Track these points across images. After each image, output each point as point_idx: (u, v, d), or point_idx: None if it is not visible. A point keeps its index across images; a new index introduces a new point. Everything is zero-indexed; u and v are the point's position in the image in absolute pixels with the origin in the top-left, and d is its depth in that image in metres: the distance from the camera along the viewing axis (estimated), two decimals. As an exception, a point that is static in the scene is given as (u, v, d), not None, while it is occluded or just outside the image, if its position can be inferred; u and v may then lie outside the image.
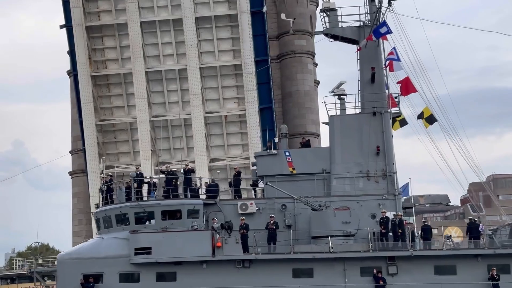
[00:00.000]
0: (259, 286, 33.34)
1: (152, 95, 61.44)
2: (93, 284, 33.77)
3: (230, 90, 61.68)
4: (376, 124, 37.51)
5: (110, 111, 63.75)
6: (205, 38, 59.60)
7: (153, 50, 61.70)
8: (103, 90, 63.56)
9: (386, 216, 34.26)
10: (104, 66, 63.30)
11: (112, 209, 36.19)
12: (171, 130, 61.27)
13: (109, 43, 62.43)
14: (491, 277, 31.48)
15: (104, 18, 61.82)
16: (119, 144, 64.38)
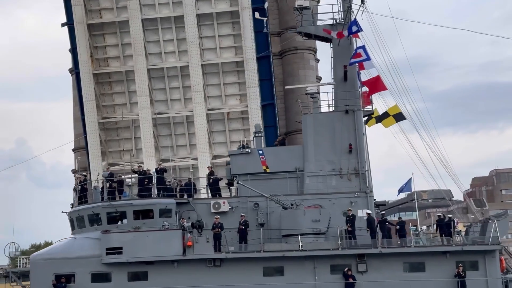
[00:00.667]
0: (230, 285, 33.80)
1: (154, 92, 61.43)
2: (65, 284, 34.13)
3: (232, 87, 61.62)
4: (348, 122, 37.73)
5: (112, 108, 63.69)
6: (206, 35, 59.46)
7: (154, 47, 61.67)
8: (105, 88, 63.49)
9: (353, 214, 34.52)
10: (106, 64, 63.23)
11: (84, 209, 36.50)
12: (173, 127, 61.32)
13: (111, 41, 62.24)
14: (457, 274, 31.87)
15: (105, 16, 61.87)
16: (121, 142, 63.61)
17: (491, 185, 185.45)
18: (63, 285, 34.21)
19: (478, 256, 33.02)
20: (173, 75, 60.40)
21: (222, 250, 34.11)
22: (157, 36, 60.77)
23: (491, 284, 32.66)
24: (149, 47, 60.22)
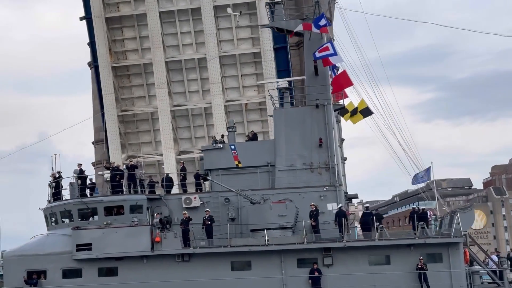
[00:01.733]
0: (199, 279, 34.24)
1: (172, 84, 62.71)
2: (36, 281, 34.75)
3: (249, 78, 62.75)
4: (318, 116, 38.08)
5: (131, 101, 65.02)
6: (223, 27, 60.69)
7: (172, 40, 62.81)
8: (123, 81, 65.09)
9: (316, 209, 34.88)
10: (124, 57, 64.68)
11: (57, 205, 37.31)
12: (192, 119, 62.65)
13: (129, 34, 63.61)
14: (418, 267, 32.46)
15: (123, 9, 62.99)
16: (140, 134, 65.85)
17: (511, 173, 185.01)
18: (34, 281, 34.79)
19: (442, 249, 33.49)
20: (191, 67, 61.95)
21: (191, 245, 34.68)
22: (175, 29, 62.33)
23: (455, 276, 33.08)
24: (167, 40, 61.67)
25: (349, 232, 35.66)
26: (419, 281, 32.92)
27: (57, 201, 38.22)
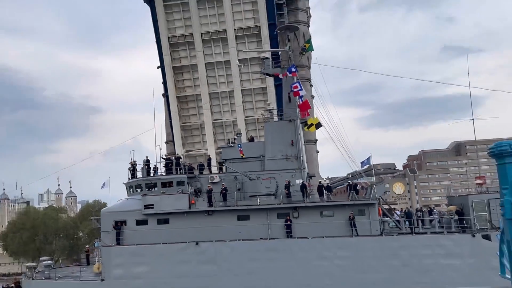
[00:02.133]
0: (217, 226, 36.97)
1: (213, 107, 70.78)
2: (120, 227, 37.84)
3: (260, 103, 69.68)
4: (291, 127, 40.81)
5: (188, 117, 73.26)
6: (243, 72, 67.87)
7: (212, 79, 70.83)
8: (183, 104, 72.93)
9: (289, 183, 37.80)
10: (184, 90, 72.66)
11: (133, 181, 40.59)
12: (224, 128, 70.85)
13: (187, 76, 72.00)
14: (349, 218, 35.84)
15: (183, 61, 70.84)
16: (194, 137, 74.52)
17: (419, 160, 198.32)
18: (118, 227, 37.68)
19: (364, 207, 36.44)
20: (224, 96, 70.62)
21: (212, 205, 37.57)
22: (214, 73, 70.43)
23: (372, 224, 35.95)
24: (209, 79, 69.59)
25: (309, 196, 37.96)
26: (350, 226, 35.76)
27: (133, 178, 41.22)
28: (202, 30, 70.43)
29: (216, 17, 70.19)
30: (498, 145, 5.02)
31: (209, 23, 70.50)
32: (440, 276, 33.80)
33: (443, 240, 34.96)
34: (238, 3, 69.24)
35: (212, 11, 70.00)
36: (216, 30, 70.38)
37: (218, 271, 36.13)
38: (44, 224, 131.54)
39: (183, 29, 71.15)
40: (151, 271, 36.61)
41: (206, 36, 70.61)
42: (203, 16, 70.30)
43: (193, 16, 69.46)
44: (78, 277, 38.52)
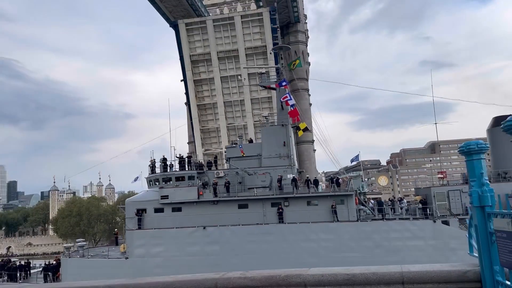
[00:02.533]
0: (222, 213, 37.17)
1: (227, 113, 71.51)
2: (141, 214, 38.23)
3: (266, 110, 69.18)
4: (283, 130, 40.64)
5: (207, 122, 73.84)
6: (252, 83, 67.79)
7: (226, 90, 71.40)
8: (202, 111, 73.27)
9: (281, 177, 37.54)
10: (203, 99, 73.21)
11: (152, 176, 40.80)
12: (237, 131, 70.77)
13: (205, 88, 72.27)
14: (332, 206, 35.84)
15: (202, 75, 71.40)
16: (211, 138, 74.98)
17: (400, 157, 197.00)
18: (140, 214, 38.09)
19: (343, 197, 36.30)
20: (236, 104, 71.04)
21: (217, 196, 37.76)
22: (228, 85, 70.68)
23: (350, 211, 35.88)
24: (224, 90, 70.55)
25: (298, 188, 37.85)
26: (332, 213, 35.89)
27: (152, 174, 41.38)
28: (218, 49, 71.92)
29: (229, 38, 71.66)
30: (467, 144, 5.18)
31: (223, 43, 71.97)
32: (407, 255, 33.71)
33: (409, 225, 34.98)
34: (248, 26, 70.59)
35: (226, 33, 71.69)
36: (229, 49, 71.68)
37: (221, 251, 36.37)
38: (87, 211, 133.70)
39: (202, 48, 72.57)
40: (166, 250, 37.04)
41: (221, 54, 72.08)
42: (218, 37, 71.90)
43: (210, 37, 71.08)
44: (106, 255, 38.27)
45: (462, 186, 36.58)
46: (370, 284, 5.39)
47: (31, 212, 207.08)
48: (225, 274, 6.10)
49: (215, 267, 35.60)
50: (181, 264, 35.30)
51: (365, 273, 5.44)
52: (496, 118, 39.87)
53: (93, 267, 37.41)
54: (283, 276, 5.74)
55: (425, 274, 5.30)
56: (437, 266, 5.43)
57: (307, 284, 5.62)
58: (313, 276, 5.64)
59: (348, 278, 5.48)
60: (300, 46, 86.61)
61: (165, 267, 35.19)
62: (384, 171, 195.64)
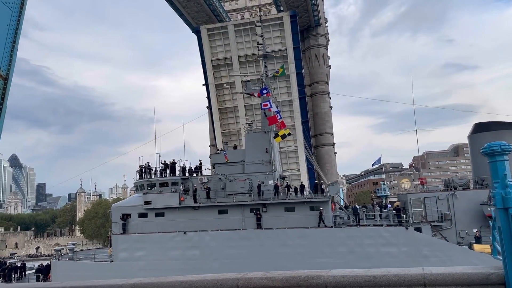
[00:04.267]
0: (202, 218, 38.58)
1: (247, 116, 73.44)
2: (126, 218, 39.93)
3: (286, 113, 72.51)
4: (266, 137, 41.81)
5: (227, 125, 76.66)
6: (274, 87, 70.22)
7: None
8: (223, 115, 75.97)
9: (260, 184, 38.84)
10: (224, 103, 75.74)
11: (138, 182, 42.41)
12: None
13: (226, 91, 74.57)
14: (320, 213, 36.68)
15: (223, 79, 73.89)
16: (233, 142, 74.53)
17: (423, 160, 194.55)
18: (125, 219, 39.77)
19: (320, 204, 37.25)
20: (257, 108, 70.64)
21: (198, 202, 39.27)
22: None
23: (326, 217, 36.35)
24: (245, 94, 71.86)
25: (281, 194, 38.82)
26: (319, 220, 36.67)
27: (141, 179, 42.40)
28: (239, 53, 74.20)
29: (250, 43, 73.66)
30: (489, 146, 5.29)
31: (244, 48, 74.31)
32: (380, 261, 34.47)
33: (382, 231, 35.80)
34: (268, 31, 72.23)
35: (247, 38, 73.88)
36: (250, 54, 73.61)
37: (201, 255, 37.78)
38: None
39: (223, 53, 75.02)
40: (149, 254, 38.69)
41: (242, 58, 74.37)
42: (239, 42, 74.22)
43: (232, 42, 73.38)
44: (93, 258, 40.11)
45: (438, 193, 37.24)
46: (391, 286, 5.44)
47: (58, 213, 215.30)
48: (246, 275, 6.25)
49: (194, 272, 37.20)
50: (163, 268, 37.09)
51: (386, 275, 5.51)
52: (477, 124, 40.35)
53: (79, 269, 39.44)
54: (304, 277, 5.85)
55: (447, 276, 5.29)
56: (459, 269, 5.43)
57: (328, 285, 5.70)
58: (334, 277, 5.73)
59: (369, 280, 5.54)
60: (321, 50, 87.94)
61: (148, 270, 36.86)
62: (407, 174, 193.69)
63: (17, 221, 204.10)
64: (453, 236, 36.70)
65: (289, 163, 76.22)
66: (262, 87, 42.16)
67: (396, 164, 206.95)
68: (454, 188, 37.77)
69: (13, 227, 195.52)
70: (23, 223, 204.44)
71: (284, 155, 74.78)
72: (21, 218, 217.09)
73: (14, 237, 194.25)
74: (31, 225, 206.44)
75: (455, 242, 36.50)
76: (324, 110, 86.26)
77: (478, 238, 34.82)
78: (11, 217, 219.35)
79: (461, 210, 36.64)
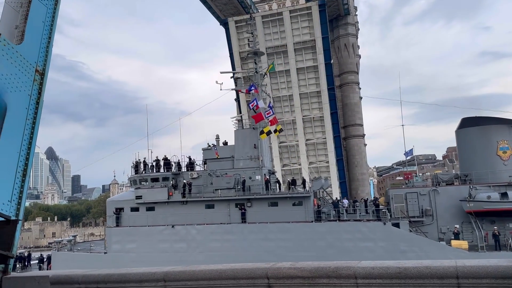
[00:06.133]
0: (190, 212, 40.37)
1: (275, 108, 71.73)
2: (119, 212, 42.30)
3: (315, 104, 73.58)
4: (254, 133, 43.10)
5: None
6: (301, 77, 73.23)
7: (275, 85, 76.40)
8: None
9: (244, 180, 40.41)
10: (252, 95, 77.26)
11: (131, 177, 44.47)
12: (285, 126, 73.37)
13: None
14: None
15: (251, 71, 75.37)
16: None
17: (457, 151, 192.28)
18: (118, 212, 42.12)
19: (302, 198, 38.59)
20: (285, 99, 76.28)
21: (186, 197, 41.03)
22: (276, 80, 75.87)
23: (307, 212, 38.15)
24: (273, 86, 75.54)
25: (270, 189, 40.05)
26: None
27: (136, 174, 44.40)
28: (267, 45, 74.87)
29: (278, 34, 74.72)
30: None
31: (272, 39, 75.26)
32: (358, 256, 35.53)
33: (361, 226, 36.72)
34: (296, 21, 73.02)
35: (275, 29, 74.80)
36: (278, 45, 74.66)
37: (187, 248, 40.00)
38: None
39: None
40: (140, 247, 41.26)
41: (270, 50, 75.19)
42: (267, 33, 75.13)
43: (259, 33, 73.65)
44: (89, 250, 42.70)
45: (420, 189, 37.98)
46: (423, 278, 5.43)
47: (93, 204, 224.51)
48: (275, 264, 6.29)
49: (182, 263, 39.46)
50: (152, 260, 39.08)
51: (418, 267, 5.50)
52: (464, 119, 40.68)
53: (76, 260, 42.27)
54: (333, 268, 5.86)
55: (481, 269, 5.25)
56: (493, 261, 5.39)
57: (358, 277, 5.70)
58: (364, 269, 5.72)
59: (399, 272, 5.53)
60: (350, 39, 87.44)
61: (138, 262, 38.81)
62: (440, 165, 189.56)
63: (54, 212, 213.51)
64: (434, 232, 37.34)
65: (318, 155, 76.44)
66: (250, 85, 43.42)
67: (429, 156, 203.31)
68: (438, 183, 38.36)
69: (51, 217, 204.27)
70: (60, 213, 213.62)
71: (312, 147, 75.72)
72: (57, 208, 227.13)
73: (52, 227, 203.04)
74: (67, 215, 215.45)
75: (436, 238, 37.15)
76: (353, 101, 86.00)
77: (457, 234, 35.44)
78: (48, 207, 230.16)
79: (442, 206, 37.24)
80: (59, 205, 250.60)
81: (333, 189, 71.86)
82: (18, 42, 6.68)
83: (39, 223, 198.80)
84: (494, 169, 37.49)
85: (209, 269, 6.64)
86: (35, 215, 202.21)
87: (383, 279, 5.61)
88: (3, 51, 6.21)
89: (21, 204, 6.42)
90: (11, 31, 6.90)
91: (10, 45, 6.37)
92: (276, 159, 74.90)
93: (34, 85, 6.75)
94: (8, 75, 6.28)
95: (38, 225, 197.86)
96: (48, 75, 7.06)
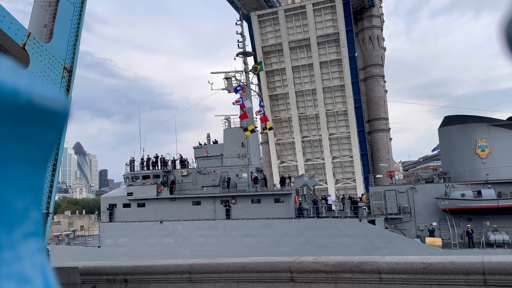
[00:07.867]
0: (178, 209, 42.18)
1: (298, 103, 75.77)
2: (112, 208, 44.60)
3: (338, 98, 73.97)
4: (242, 132, 44.13)
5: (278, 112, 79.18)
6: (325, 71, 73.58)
7: (298, 80, 75.22)
8: (274, 101, 78.52)
9: (229, 177, 42.08)
10: (274, 90, 78.43)
11: (124, 174, 46.40)
12: (308, 120, 76.78)
13: (277, 78, 77.67)
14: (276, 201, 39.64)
15: (274, 66, 76.95)
16: (283, 128, 79.13)
17: None
18: (111, 208, 44.38)
19: (284, 196, 40.13)
20: (308, 94, 75.20)
21: (174, 193, 43.05)
22: (299, 74, 74.83)
23: (289, 209, 39.64)
24: (295, 80, 75.03)
25: (260, 186, 41.47)
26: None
27: (130, 171, 46.34)
28: (290, 39, 75.76)
29: (301, 28, 75.09)
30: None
31: (295, 33, 75.70)
32: (335, 252, 36.86)
33: (337, 223, 37.86)
34: (320, 14, 73.41)
35: (297, 23, 75.11)
36: (301, 38, 75.15)
37: (175, 243, 42.12)
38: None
39: (273, 39, 76.88)
40: (130, 241, 43.69)
41: (293, 44, 75.87)
42: (290, 27, 75.68)
43: (282, 27, 74.89)
44: (85, 244, 45.37)
45: (399, 186, 39.08)
46: (447, 273, 5.37)
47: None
48: (297, 259, 6.31)
49: (169, 258, 41.59)
50: (141, 254, 40.95)
51: (443, 262, 5.46)
52: (447, 117, 41.48)
53: (71, 254, 44.90)
54: (357, 263, 5.83)
55: (508, 265, 5.21)
56: None
57: (381, 272, 5.66)
58: (388, 264, 5.68)
59: (424, 267, 5.49)
60: (375, 31, 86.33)
61: (129, 256, 41.17)
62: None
63: (82, 205, 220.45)
64: (412, 229, 38.38)
65: (341, 149, 76.52)
66: (237, 85, 45.09)
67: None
68: (417, 181, 39.38)
69: (79, 210, 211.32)
70: (88, 207, 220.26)
71: (336, 142, 76.04)
72: (85, 202, 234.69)
73: (80, 220, 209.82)
74: (95, 209, 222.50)
75: (414, 235, 38.20)
76: (378, 95, 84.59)
77: (432, 231, 36.47)
78: (76, 201, 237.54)
79: (420, 203, 38.20)
80: (87, 199, 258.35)
81: (357, 183, 72.88)
82: (47, 41, 6.88)
83: (68, 216, 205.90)
84: (472, 167, 38.18)
85: (232, 262, 6.77)
86: (64, 209, 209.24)
87: (408, 274, 5.58)
88: (33, 49, 6.40)
89: (51, 198, 6.92)
90: (40, 30, 7.08)
91: (40, 43, 6.59)
92: (274, 156, 75.92)
93: (62, 82, 6.93)
94: (37, 73, 6.45)
95: (67, 218, 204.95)
96: (78, 72, 7.28)
